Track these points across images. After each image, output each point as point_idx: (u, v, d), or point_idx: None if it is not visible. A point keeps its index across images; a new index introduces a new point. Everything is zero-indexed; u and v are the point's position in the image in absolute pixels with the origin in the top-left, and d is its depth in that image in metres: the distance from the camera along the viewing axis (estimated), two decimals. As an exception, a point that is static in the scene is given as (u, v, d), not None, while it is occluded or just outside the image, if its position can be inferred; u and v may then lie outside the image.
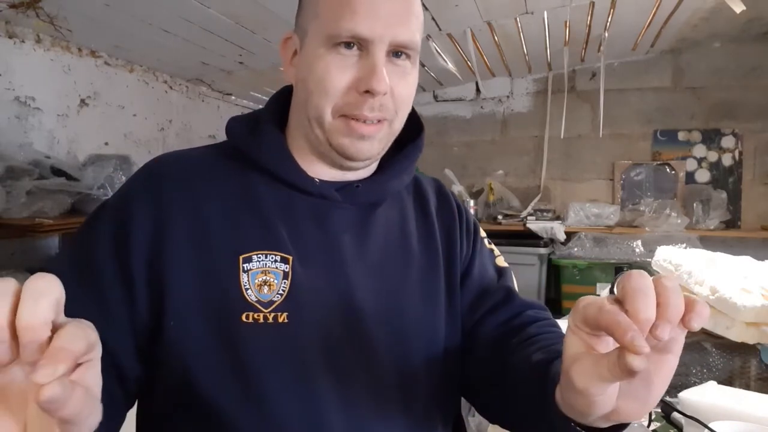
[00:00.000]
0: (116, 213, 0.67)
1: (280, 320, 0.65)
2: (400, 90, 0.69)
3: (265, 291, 0.65)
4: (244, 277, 0.65)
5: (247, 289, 0.65)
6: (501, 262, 0.86)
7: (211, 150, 0.75)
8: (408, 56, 0.69)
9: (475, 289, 0.80)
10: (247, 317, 0.64)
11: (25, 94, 1.97)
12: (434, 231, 0.80)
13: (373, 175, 0.77)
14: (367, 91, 0.65)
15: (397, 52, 0.68)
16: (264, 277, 0.66)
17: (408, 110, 0.73)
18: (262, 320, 0.64)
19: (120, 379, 0.64)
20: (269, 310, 0.65)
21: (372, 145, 0.69)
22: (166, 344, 0.64)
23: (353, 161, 0.71)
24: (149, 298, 0.64)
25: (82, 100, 2.21)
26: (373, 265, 0.73)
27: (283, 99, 0.77)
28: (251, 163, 0.71)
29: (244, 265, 0.65)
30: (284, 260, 0.67)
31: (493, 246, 0.87)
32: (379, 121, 0.68)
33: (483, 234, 0.86)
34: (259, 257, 0.66)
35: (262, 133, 0.72)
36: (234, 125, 0.75)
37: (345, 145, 0.68)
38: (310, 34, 0.68)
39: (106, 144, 2.32)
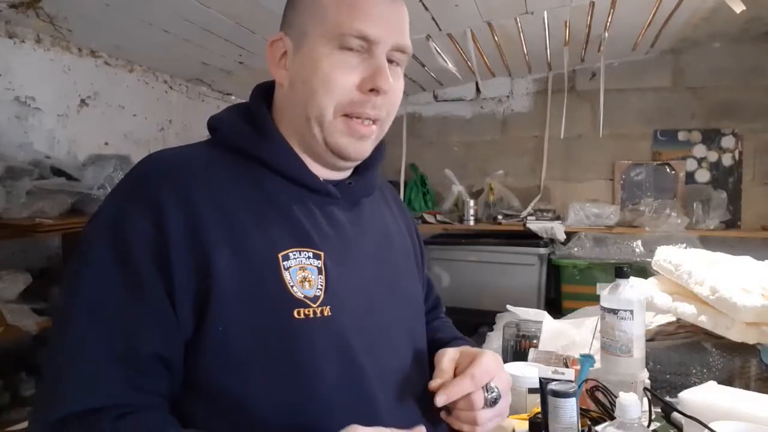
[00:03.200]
0: (146, 214, 0.64)
1: (326, 314, 0.69)
2: (394, 92, 0.74)
3: (307, 287, 0.68)
4: (286, 275, 0.67)
5: (292, 286, 0.67)
6: None
7: (207, 147, 0.75)
8: (399, 63, 0.75)
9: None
10: (299, 313, 0.67)
11: (25, 94, 1.97)
12: (401, 226, 0.91)
13: (360, 172, 0.83)
14: (371, 90, 0.70)
15: (390, 60, 0.73)
16: (303, 274, 0.69)
17: (395, 113, 0.78)
18: (312, 315, 0.67)
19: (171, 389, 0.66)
20: (317, 305, 0.68)
21: (367, 145, 0.75)
22: (209, 349, 0.64)
23: (347, 161, 0.77)
24: (194, 305, 0.64)
25: (82, 100, 2.21)
26: (372, 255, 0.79)
27: (266, 95, 0.80)
28: (255, 161, 0.73)
29: (284, 263, 0.68)
30: (316, 256, 0.71)
31: None
32: (374, 122, 0.73)
33: None
34: (295, 254, 0.69)
35: (269, 136, 0.75)
36: (230, 124, 0.76)
37: (344, 144, 0.73)
38: (314, 34, 0.71)
39: (106, 144, 2.32)
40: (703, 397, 0.93)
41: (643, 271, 2.11)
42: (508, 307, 1.71)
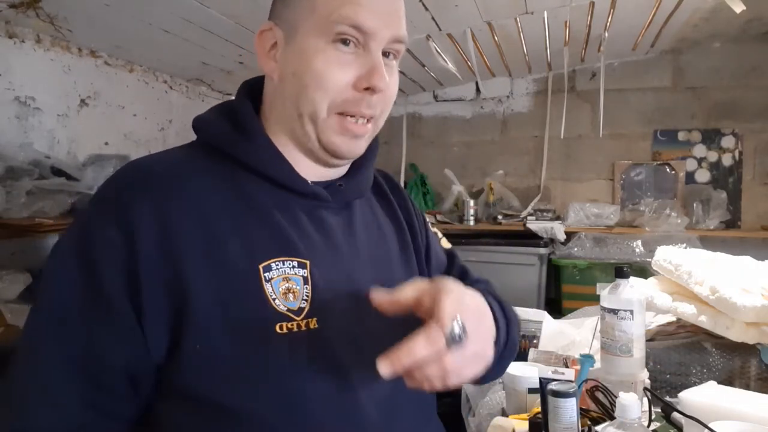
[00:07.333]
0: (116, 226, 0.60)
1: (312, 326, 0.65)
2: (390, 89, 0.71)
3: (291, 299, 0.64)
4: (268, 287, 0.63)
5: (274, 299, 0.63)
6: (446, 243, 0.97)
7: (189, 150, 0.72)
8: (395, 56, 0.72)
9: (435, 271, 0.89)
10: (281, 328, 0.63)
11: (25, 94, 1.97)
12: (399, 219, 0.86)
13: (351, 173, 0.79)
14: (367, 88, 0.67)
15: (386, 52, 0.70)
16: (287, 285, 0.64)
17: (390, 109, 0.75)
18: (296, 329, 0.64)
19: (137, 407, 0.64)
20: (301, 317, 0.64)
21: (361, 143, 0.72)
22: (186, 367, 0.61)
23: (341, 159, 0.73)
24: (168, 321, 0.61)
25: (82, 100, 2.21)
26: (364, 258, 0.75)
27: (253, 91, 0.76)
28: (238, 164, 0.69)
29: (265, 275, 0.63)
30: (302, 265, 0.66)
31: (436, 229, 0.96)
32: (368, 120, 0.70)
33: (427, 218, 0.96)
34: (277, 264, 0.64)
35: (251, 135, 0.70)
36: (211, 124, 0.72)
37: (337, 143, 0.70)
38: (305, 27, 0.68)
39: (106, 144, 2.32)
40: (703, 397, 0.93)
41: (643, 271, 2.11)
42: (508, 307, 1.70)
